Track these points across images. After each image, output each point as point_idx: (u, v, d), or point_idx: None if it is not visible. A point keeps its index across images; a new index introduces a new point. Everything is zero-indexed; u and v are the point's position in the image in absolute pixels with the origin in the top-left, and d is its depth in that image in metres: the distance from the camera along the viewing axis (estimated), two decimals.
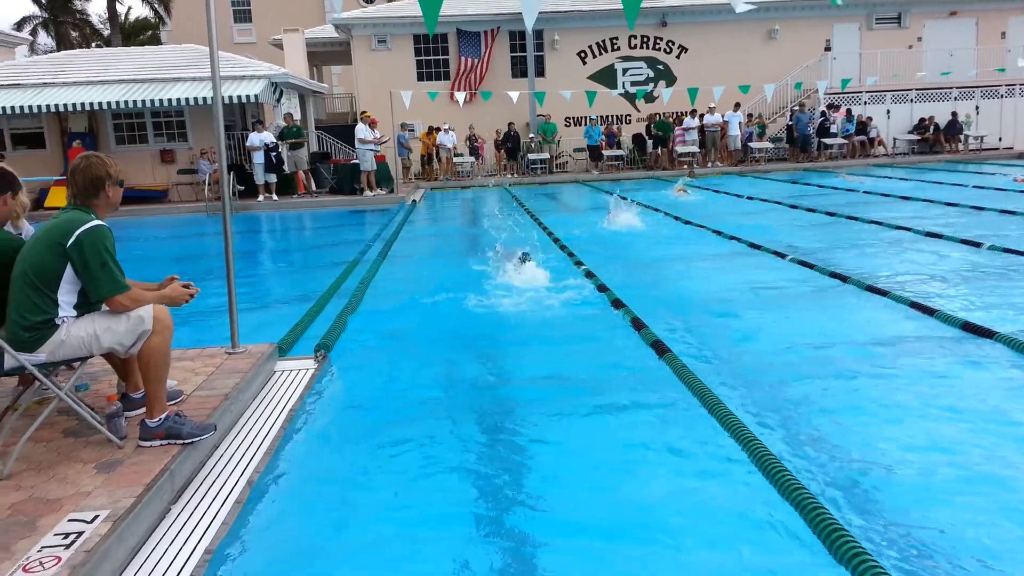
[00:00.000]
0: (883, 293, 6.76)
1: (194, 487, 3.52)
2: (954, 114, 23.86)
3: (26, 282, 3.46)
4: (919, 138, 24.29)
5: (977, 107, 24.48)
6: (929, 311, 6.07)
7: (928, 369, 4.89)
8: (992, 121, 24.46)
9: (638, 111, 25.24)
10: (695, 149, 23.20)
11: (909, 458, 3.62)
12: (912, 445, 3.76)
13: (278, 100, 19.96)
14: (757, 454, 3.55)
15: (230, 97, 17.96)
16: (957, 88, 24.11)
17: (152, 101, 18.25)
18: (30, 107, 18.00)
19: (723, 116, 23.01)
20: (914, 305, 6.28)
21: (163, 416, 3.62)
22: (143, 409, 3.86)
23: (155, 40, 39.08)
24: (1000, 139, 24.52)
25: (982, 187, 15.24)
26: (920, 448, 3.74)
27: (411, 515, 3.29)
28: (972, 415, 4.10)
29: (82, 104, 18.11)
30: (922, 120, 24.40)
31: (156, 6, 32.54)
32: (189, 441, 3.62)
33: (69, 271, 3.49)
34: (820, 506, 3.04)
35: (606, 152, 23.39)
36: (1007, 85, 24.33)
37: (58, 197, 17.31)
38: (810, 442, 3.84)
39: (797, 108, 23.94)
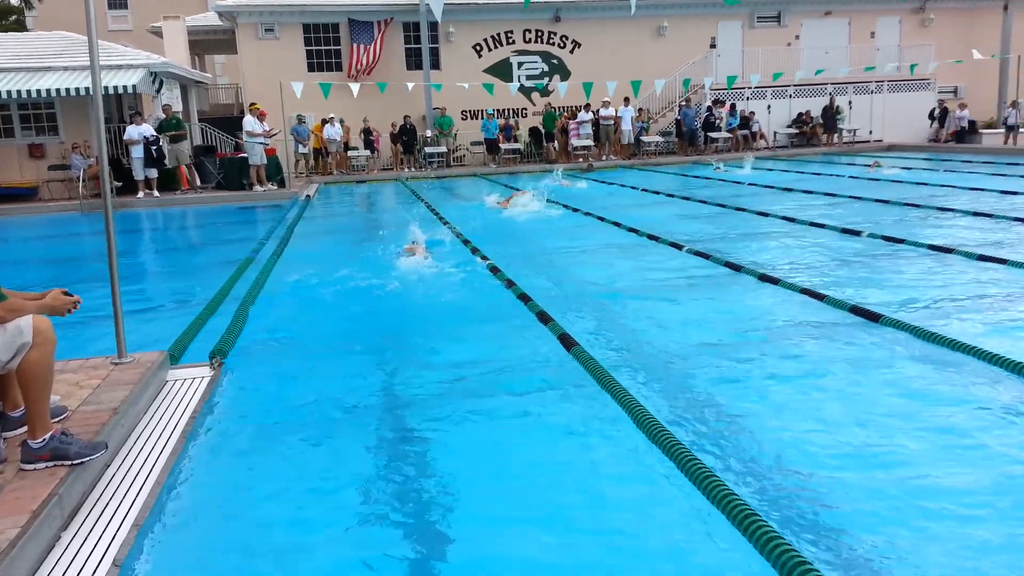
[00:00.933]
0: (775, 281, 7.04)
1: (85, 511, 3.26)
2: (831, 98, 25.11)
3: None
4: (798, 131, 25.59)
5: (850, 102, 25.99)
6: (819, 296, 6.37)
7: (820, 352, 5.12)
8: (863, 116, 26.04)
9: (534, 105, 25.43)
10: (590, 143, 23.59)
11: (804, 436, 3.79)
12: (805, 424, 3.93)
13: (158, 91, 18.96)
14: (664, 442, 3.61)
15: (106, 87, 16.89)
16: (832, 84, 25.48)
17: (19, 92, 16.95)
18: None
19: (616, 111, 23.49)
20: (805, 291, 6.58)
21: (47, 436, 3.33)
22: (24, 428, 3.55)
23: (20, 26, 36.35)
24: (871, 132, 26.13)
25: (857, 177, 16.19)
26: (811, 428, 3.91)
27: (318, 525, 3.18)
28: (862, 394, 4.33)
29: None
30: (800, 115, 25.70)
31: None
32: (78, 462, 3.35)
33: None
34: (728, 489, 3.11)
35: (503, 145, 23.45)
36: (876, 81, 25.93)
37: None
38: (715, 426, 3.94)
39: (684, 104, 24.76)
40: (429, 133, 23.52)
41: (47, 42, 19.86)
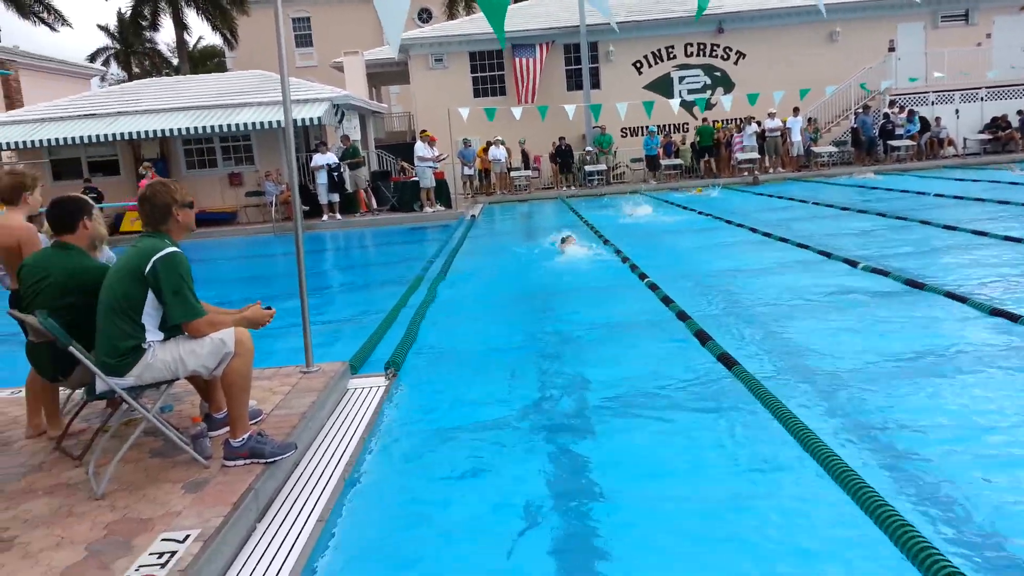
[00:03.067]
0: (962, 300, 6.53)
1: (277, 505, 3.60)
2: (1020, 112, 22.96)
3: (113, 310, 3.58)
4: (991, 137, 23.42)
5: None
6: (1012, 317, 5.84)
7: (1012, 379, 4.70)
8: None
9: (696, 119, 25.01)
10: (755, 155, 22.84)
11: (995, 471, 3.50)
12: (997, 457, 3.63)
13: (340, 121, 20.40)
14: (830, 463, 3.46)
15: (294, 120, 18.43)
16: None
17: (220, 126, 18.86)
18: (105, 136, 18.81)
19: (784, 122, 22.60)
20: (995, 312, 6.06)
21: (246, 436, 3.72)
22: (226, 429, 3.97)
23: (221, 67, 40.42)
24: None
25: None
26: (1007, 461, 3.60)
27: (490, 527, 3.34)
28: None
29: (154, 131, 18.83)
30: (995, 119, 23.53)
31: (225, 33, 33.61)
32: (272, 460, 3.72)
33: (151, 297, 3.61)
34: (909, 525, 2.94)
35: (664, 161, 23.21)
36: None
37: (132, 222, 18.02)
38: (893, 456, 3.73)
39: (861, 110, 23.37)
40: (589, 149, 23.71)
41: (244, 80, 21.98)
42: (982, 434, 3.96)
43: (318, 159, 18.58)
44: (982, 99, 23.85)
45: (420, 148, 18.79)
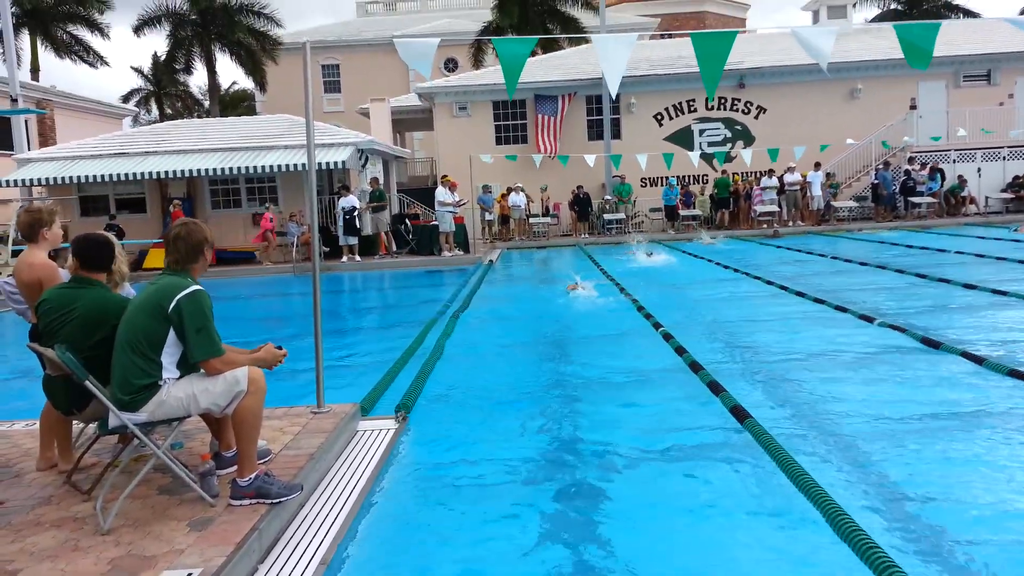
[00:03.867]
0: (979, 360, 6.46)
1: (280, 546, 3.60)
2: None
3: (131, 346, 3.64)
4: (1013, 196, 23.35)
5: None
6: None
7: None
8: None
9: (716, 171, 25.15)
10: (774, 208, 22.89)
11: (1011, 534, 3.43)
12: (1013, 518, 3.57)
13: (363, 166, 20.75)
14: (843, 527, 3.42)
15: (319, 163, 18.77)
16: None
17: (246, 168, 19.24)
18: (134, 174, 19.24)
19: (805, 176, 22.68)
20: (1013, 373, 5.98)
21: (253, 476, 3.74)
22: (234, 467, 4.00)
23: (251, 110, 41.39)
24: None
25: None
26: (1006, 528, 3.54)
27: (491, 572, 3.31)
28: None
29: (182, 171, 19.24)
30: (1016, 177, 23.48)
31: (258, 79, 34.50)
32: (277, 501, 3.73)
33: (172, 335, 3.68)
34: None
35: (682, 212, 23.32)
36: None
37: (156, 259, 18.32)
38: (907, 520, 3.68)
39: (881, 167, 23.41)
40: (608, 197, 23.88)
41: (271, 124, 22.48)
42: (986, 493, 3.90)
43: (343, 203, 18.84)
44: (1004, 158, 23.85)
45: (441, 193, 19.04)
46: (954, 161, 23.78)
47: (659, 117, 25.35)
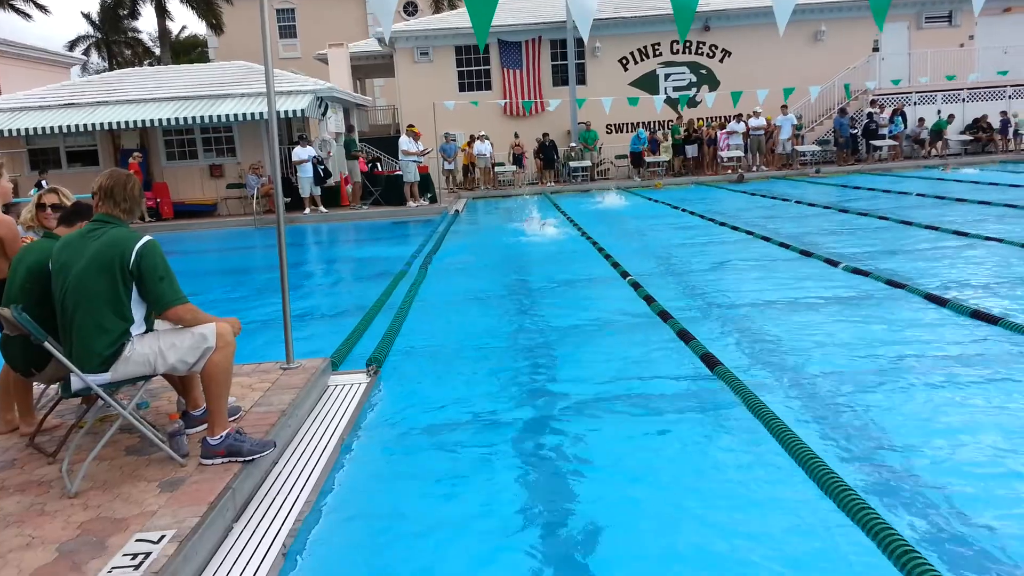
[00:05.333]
0: (942, 302, 6.57)
1: (255, 504, 3.55)
2: (1003, 114, 23.25)
3: (90, 304, 3.48)
4: (972, 139, 23.66)
5: None
6: (992, 320, 5.89)
7: (988, 381, 4.73)
8: None
9: (680, 116, 25.04)
10: (739, 153, 22.92)
11: (975, 470, 3.52)
12: (978, 458, 3.65)
13: (323, 114, 20.25)
14: (808, 463, 3.47)
15: (277, 112, 18.23)
16: (1012, 87, 23.41)
17: (202, 117, 18.65)
18: (84, 126, 18.55)
19: (774, 120, 22.66)
20: (976, 315, 6.10)
21: (224, 433, 3.67)
22: (203, 426, 3.92)
23: (204, 57, 40.00)
24: None
25: None
26: (985, 461, 3.62)
27: (471, 528, 3.31)
28: None
29: (135, 122, 18.59)
30: (976, 120, 23.77)
31: (211, 21, 33.22)
32: (250, 459, 3.67)
33: (134, 290, 3.55)
34: (891, 529, 2.95)
35: (648, 158, 23.25)
36: None
37: None
38: (870, 460, 3.74)
39: (837, 113, 23.44)
40: (573, 145, 23.69)
41: (227, 71, 21.75)
42: (955, 432, 3.98)
43: (300, 152, 18.41)
44: (964, 100, 24.08)
45: (405, 142, 18.68)
46: (915, 104, 23.95)
47: (624, 61, 25.04)
